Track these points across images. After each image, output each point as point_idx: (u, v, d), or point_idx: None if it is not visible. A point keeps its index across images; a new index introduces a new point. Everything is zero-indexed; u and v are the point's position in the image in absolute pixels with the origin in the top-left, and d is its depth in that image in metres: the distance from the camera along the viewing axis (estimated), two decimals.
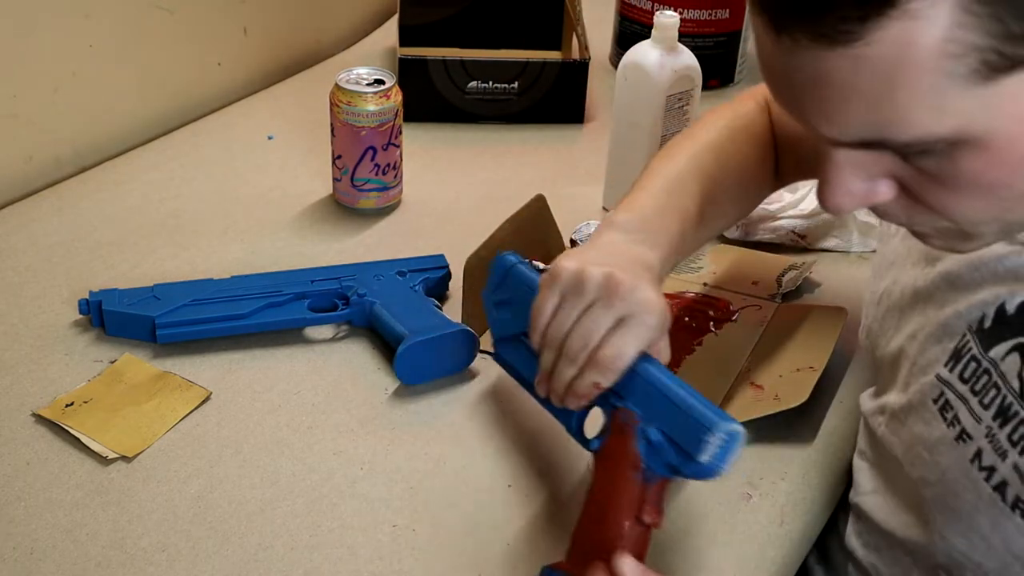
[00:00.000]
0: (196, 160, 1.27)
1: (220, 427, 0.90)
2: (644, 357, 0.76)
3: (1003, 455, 0.69)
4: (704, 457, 0.70)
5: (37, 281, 1.05)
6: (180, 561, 0.78)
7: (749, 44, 1.49)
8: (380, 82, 1.13)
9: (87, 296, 0.98)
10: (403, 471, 0.87)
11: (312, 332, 1.00)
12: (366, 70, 1.15)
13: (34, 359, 0.95)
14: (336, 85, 1.13)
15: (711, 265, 1.10)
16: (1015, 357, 0.69)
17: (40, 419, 0.89)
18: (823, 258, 1.13)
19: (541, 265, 1.04)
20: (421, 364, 0.94)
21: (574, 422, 0.80)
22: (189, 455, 0.87)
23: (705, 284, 1.08)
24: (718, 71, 1.46)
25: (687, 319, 1.02)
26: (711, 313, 1.03)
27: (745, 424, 0.88)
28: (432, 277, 1.03)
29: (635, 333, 0.74)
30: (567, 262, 0.76)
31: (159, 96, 1.33)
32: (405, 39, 1.41)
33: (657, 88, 1.12)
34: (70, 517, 0.81)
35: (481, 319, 0.98)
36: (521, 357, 0.84)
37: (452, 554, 0.80)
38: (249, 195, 1.21)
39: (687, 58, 1.14)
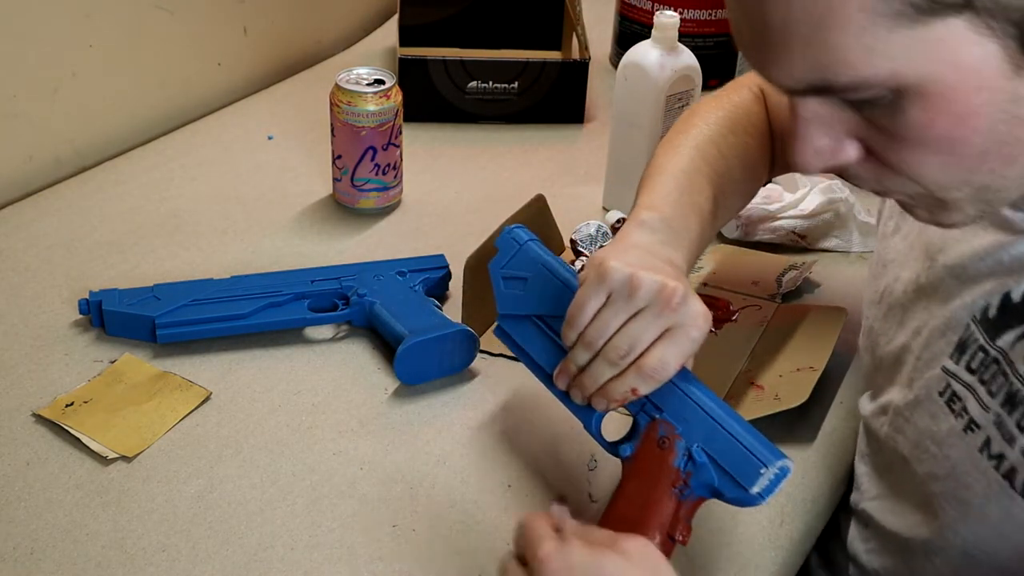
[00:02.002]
0: (196, 160, 1.27)
1: (220, 427, 0.90)
2: (682, 370, 0.75)
3: (1011, 441, 0.69)
4: (755, 489, 0.71)
5: (37, 281, 1.05)
6: (180, 561, 0.78)
7: None
8: (380, 82, 1.13)
9: (87, 296, 0.98)
10: (403, 471, 0.87)
11: (312, 332, 1.00)
12: (366, 70, 1.15)
13: (34, 359, 0.95)
14: (336, 85, 1.13)
15: (711, 265, 1.10)
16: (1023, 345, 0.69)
17: (40, 419, 0.89)
18: (823, 258, 1.13)
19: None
20: (421, 364, 0.94)
21: (594, 422, 0.79)
22: (189, 455, 0.87)
23: (705, 284, 1.08)
24: (718, 71, 1.46)
25: None
26: (711, 313, 1.03)
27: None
28: (432, 277, 1.03)
29: (680, 345, 0.74)
30: (614, 262, 0.75)
31: (159, 96, 1.33)
32: (405, 39, 1.41)
33: (657, 88, 1.12)
34: (70, 517, 0.81)
35: (481, 319, 0.98)
36: (531, 339, 0.82)
37: (452, 554, 0.80)
38: (249, 195, 1.21)
39: (687, 58, 1.14)
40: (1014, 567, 0.72)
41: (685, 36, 1.17)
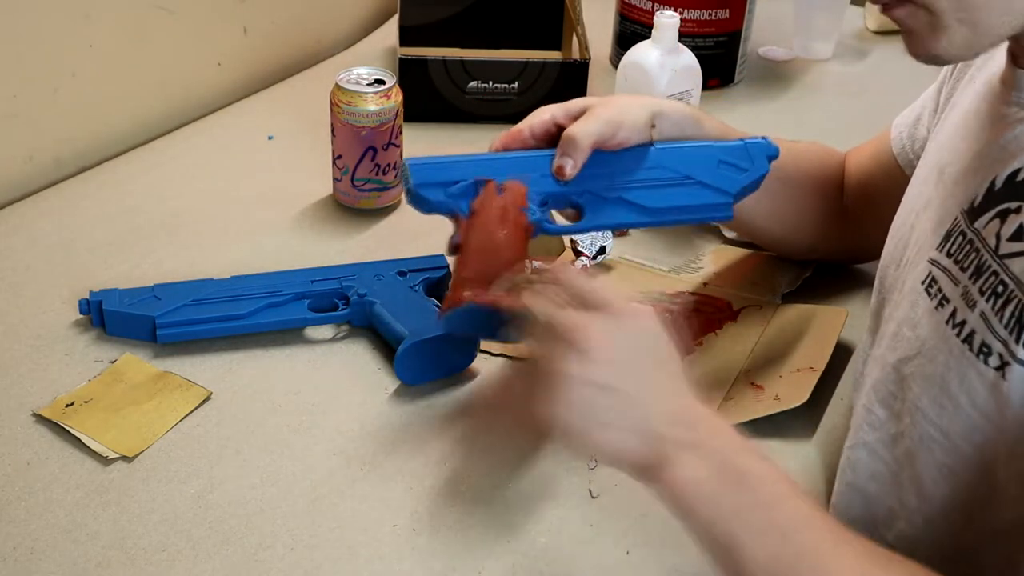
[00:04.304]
0: (196, 160, 1.27)
1: (220, 427, 0.90)
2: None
3: (973, 306, 0.71)
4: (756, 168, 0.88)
5: (37, 281, 1.05)
6: (180, 561, 0.78)
7: (749, 44, 1.49)
8: (380, 82, 1.13)
9: (87, 296, 0.98)
10: (403, 471, 0.86)
11: (312, 332, 1.00)
12: (366, 70, 1.15)
13: (34, 359, 0.95)
14: (336, 85, 1.13)
15: (711, 265, 1.10)
16: (996, 221, 0.71)
17: (40, 419, 0.89)
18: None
19: (541, 265, 1.04)
20: (421, 364, 0.94)
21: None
22: (189, 455, 0.87)
23: (705, 284, 1.08)
24: (718, 71, 1.46)
25: (687, 319, 1.02)
26: (711, 313, 1.03)
27: (745, 424, 0.88)
28: (432, 277, 1.03)
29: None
30: None
31: (159, 96, 1.33)
32: (405, 39, 1.41)
33: (657, 88, 1.12)
34: (70, 517, 0.81)
35: None
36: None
37: (452, 554, 0.80)
38: (249, 195, 1.21)
39: (687, 58, 1.15)
40: (961, 448, 0.73)
41: (685, 36, 1.17)
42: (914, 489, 0.78)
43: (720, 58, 1.45)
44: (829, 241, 1.06)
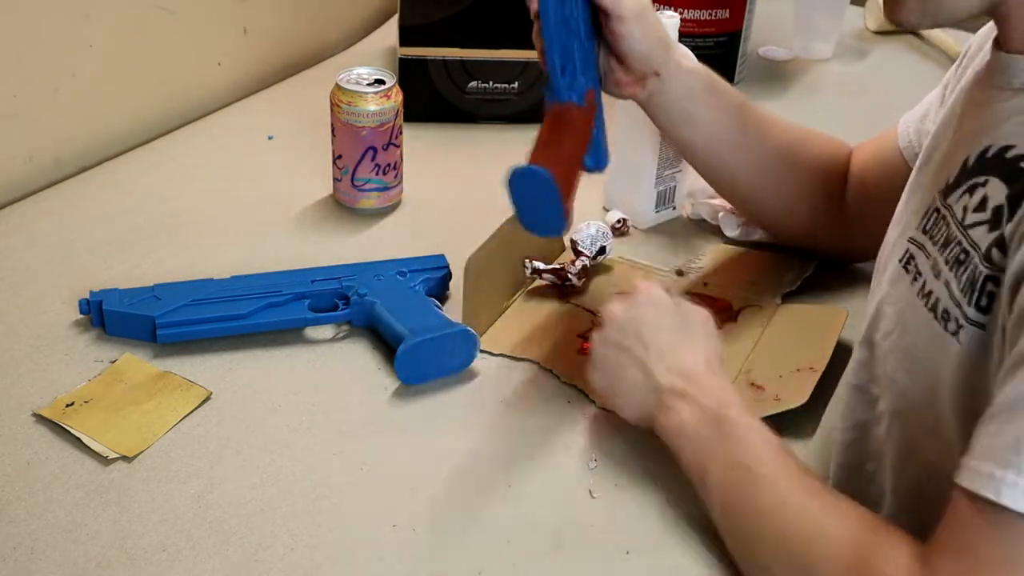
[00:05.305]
0: (196, 160, 1.27)
1: (220, 427, 0.90)
2: None
3: (938, 275, 0.75)
4: None
5: (37, 281, 1.05)
6: (180, 561, 0.78)
7: (749, 44, 1.49)
8: (380, 82, 1.13)
9: (87, 296, 0.98)
10: (403, 471, 0.87)
11: (312, 332, 1.00)
12: (366, 70, 1.15)
13: (34, 359, 0.95)
14: (336, 85, 1.13)
15: (711, 265, 1.10)
16: (966, 196, 0.74)
17: (40, 419, 0.89)
18: (823, 258, 1.12)
19: (541, 265, 1.04)
20: (421, 364, 0.94)
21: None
22: (189, 455, 0.87)
23: (705, 284, 1.08)
24: (718, 71, 1.45)
25: None
26: (711, 313, 1.03)
27: None
28: (432, 277, 1.03)
29: None
30: None
31: (159, 96, 1.33)
32: (405, 39, 1.41)
33: None
34: (70, 517, 0.81)
35: (482, 319, 0.98)
36: None
37: (452, 554, 0.80)
38: (249, 195, 1.21)
39: None
40: (926, 421, 0.76)
41: (685, 36, 1.17)
42: (897, 465, 0.80)
43: (720, 58, 1.45)
44: (827, 230, 1.07)
